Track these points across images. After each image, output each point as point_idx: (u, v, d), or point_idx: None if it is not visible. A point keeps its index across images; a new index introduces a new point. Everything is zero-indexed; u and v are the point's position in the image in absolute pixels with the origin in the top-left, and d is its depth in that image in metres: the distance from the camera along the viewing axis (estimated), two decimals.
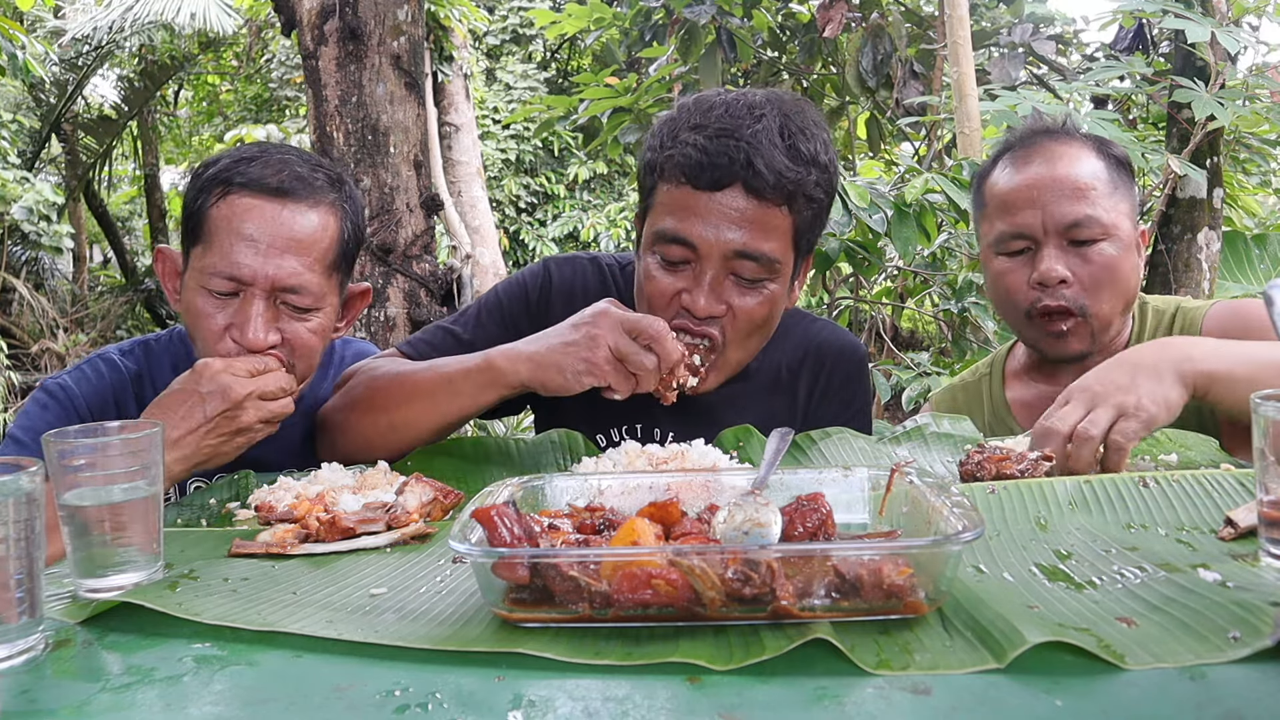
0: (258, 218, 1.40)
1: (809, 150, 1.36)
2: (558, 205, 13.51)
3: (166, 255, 1.55)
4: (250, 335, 1.39)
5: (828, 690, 0.65)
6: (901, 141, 6.16)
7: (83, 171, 11.92)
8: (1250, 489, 1.04)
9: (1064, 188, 1.57)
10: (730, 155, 1.32)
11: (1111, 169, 1.61)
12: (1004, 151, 1.70)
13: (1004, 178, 1.65)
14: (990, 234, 1.66)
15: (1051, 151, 1.62)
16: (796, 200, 1.36)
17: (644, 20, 5.57)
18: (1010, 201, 1.62)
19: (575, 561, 0.74)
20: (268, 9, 8.63)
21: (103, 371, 1.55)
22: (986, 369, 1.86)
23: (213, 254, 1.40)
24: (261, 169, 1.43)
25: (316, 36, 4.02)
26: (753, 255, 1.36)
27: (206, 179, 1.44)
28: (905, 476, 0.94)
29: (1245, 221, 5.28)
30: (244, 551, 0.99)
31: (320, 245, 1.44)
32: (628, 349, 1.27)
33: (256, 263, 1.39)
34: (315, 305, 1.45)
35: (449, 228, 8.45)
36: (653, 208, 1.42)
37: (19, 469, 0.75)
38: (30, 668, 0.73)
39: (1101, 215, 1.56)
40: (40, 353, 9.43)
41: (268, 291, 1.40)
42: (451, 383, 1.37)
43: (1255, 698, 0.62)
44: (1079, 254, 1.57)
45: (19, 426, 1.48)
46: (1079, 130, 1.69)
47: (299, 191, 1.43)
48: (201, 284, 1.42)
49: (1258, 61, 4.12)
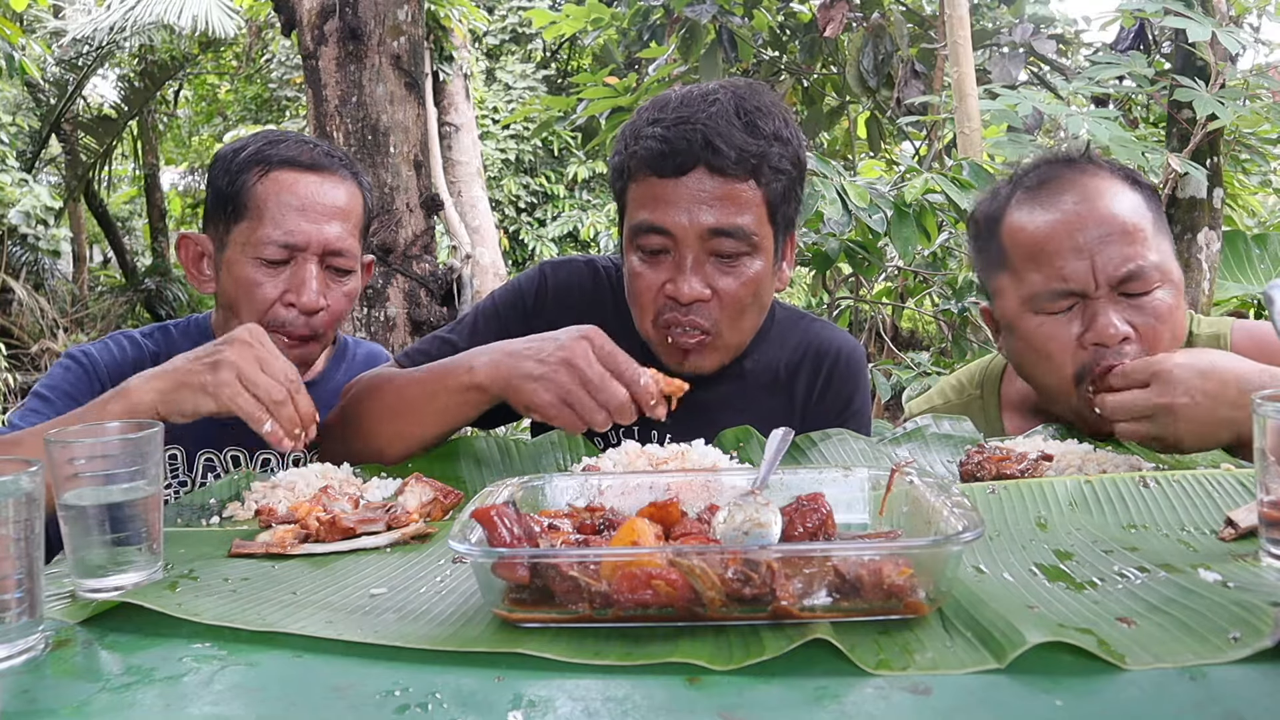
0: (304, 189, 1.53)
1: (768, 126, 1.38)
2: (557, 205, 13.51)
3: (192, 239, 1.63)
4: (306, 297, 1.51)
5: (828, 690, 0.65)
6: (902, 141, 6.16)
7: (83, 171, 11.92)
8: (1250, 489, 1.04)
9: (1112, 231, 1.35)
10: (688, 139, 1.35)
11: (1150, 203, 1.41)
12: (1018, 187, 1.47)
13: (1030, 221, 1.41)
14: (1023, 289, 1.41)
15: (1084, 187, 1.40)
16: (763, 173, 1.38)
17: (642, 20, 5.56)
18: (1049, 252, 1.38)
19: (575, 561, 0.74)
20: (268, 9, 8.62)
21: (125, 346, 1.62)
22: (976, 390, 1.70)
23: (265, 225, 1.51)
24: (292, 148, 1.56)
25: (316, 36, 4.02)
26: (727, 231, 1.38)
27: (242, 160, 1.55)
28: (905, 477, 0.94)
29: (1245, 221, 5.28)
30: (244, 552, 0.99)
31: (355, 212, 1.59)
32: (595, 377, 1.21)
33: (311, 229, 1.51)
34: (352, 268, 1.58)
35: (449, 228, 8.45)
36: (626, 207, 1.45)
37: (19, 469, 0.76)
38: (30, 668, 0.73)
39: (1155, 260, 1.36)
40: (40, 353, 9.42)
41: (319, 256, 1.53)
42: (434, 396, 1.36)
43: (1255, 698, 0.62)
44: (1133, 305, 1.36)
45: (43, 385, 1.57)
46: (1102, 159, 1.47)
47: (331, 166, 1.57)
48: (254, 255, 1.52)
49: (1258, 61, 4.12)
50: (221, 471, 1.58)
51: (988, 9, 6.04)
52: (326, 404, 1.65)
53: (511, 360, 1.26)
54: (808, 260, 3.37)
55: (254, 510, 1.16)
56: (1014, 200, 1.46)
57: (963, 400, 1.71)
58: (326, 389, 1.69)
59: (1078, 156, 1.47)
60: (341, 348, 1.79)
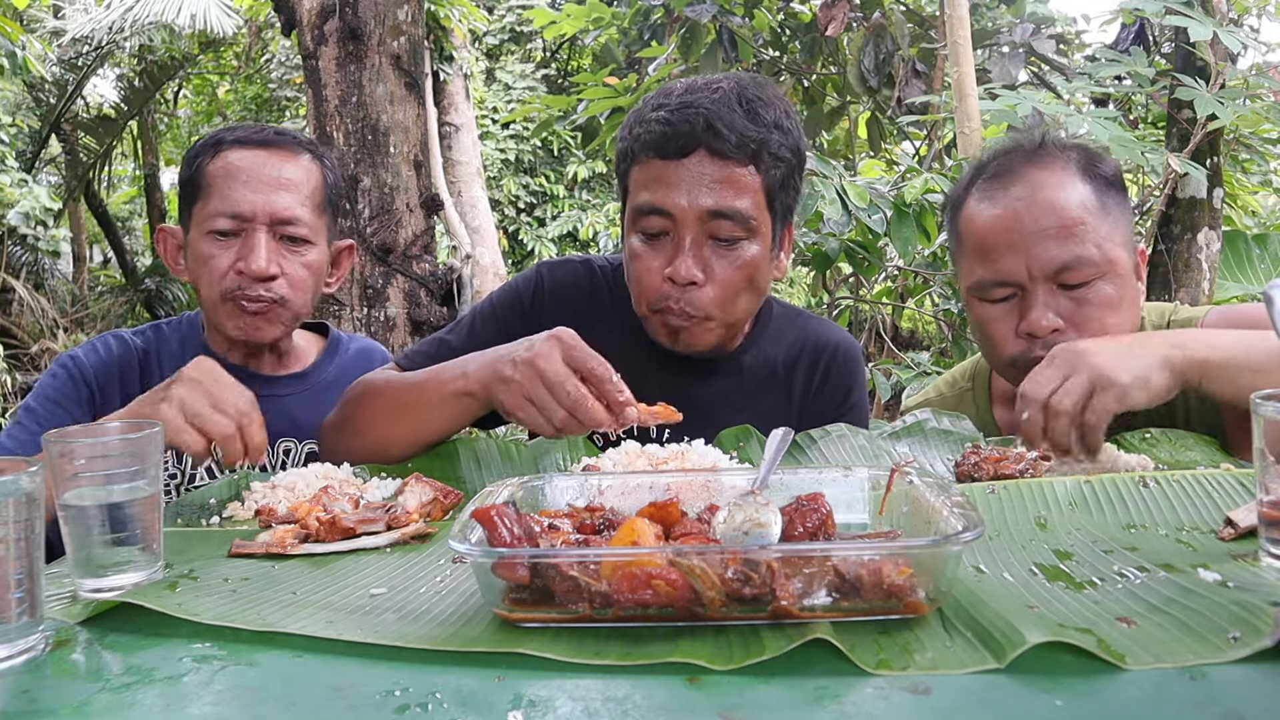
0: (251, 163, 1.57)
1: (769, 115, 1.41)
2: (557, 205, 13.50)
3: (168, 233, 1.69)
4: (255, 264, 1.53)
5: (828, 690, 0.65)
6: (902, 141, 6.16)
7: (83, 171, 11.91)
8: (1250, 489, 1.04)
9: (1048, 225, 1.38)
10: (690, 122, 1.38)
11: (1101, 191, 1.42)
12: (976, 176, 1.50)
13: (980, 213, 1.46)
14: (970, 277, 1.47)
15: (1031, 180, 1.42)
16: (762, 159, 1.40)
17: (643, 20, 5.56)
18: (987, 244, 1.43)
19: (575, 561, 0.74)
20: (268, 9, 8.62)
21: (112, 347, 1.64)
22: (968, 383, 1.71)
23: (214, 200, 1.56)
24: (246, 131, 1.63)
25: (316, 36, 4.02)
26: (727, 213, 1.39)
27: (198, 147, 1.62)
28: (905, 476, 0.94)
29: (1245, 221, 5.28)
30: (244, 552, 0.99)
31: (308, 185, 1.61)
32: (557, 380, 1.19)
33: (257, 198, 1.55)
34: (309, 238, 1.60)
35: (449, 228, 8.44)
36: (629, 190, 1.47)
37: (19, 469, 0.76)
38: (30, 668, 0.73)
39: (1093, 254, 1.38)
40: (40, 353, 9.42)
41: (268, 225, 1.55)
42: (430, 401, 1.36)
43: (1255, 698, 0.62)
44: (1071, 296, 1.39)
45: (32, 396, 1.59)
46: (1062, 146, 1.48)
47: (283, 143, 1.62)
48: (206, 230, 1.56)
49: (1258, 61, 4.11)
50: (212, 462, 1.58)
51: (988, 9, 6.04)
52: (317, 396, 1.68)
53: (491, 365, 1.27)
54: (808, 260, 3.37)
55: (254, 510, 1.16)
56: (973, 189, 1.50)
57: (955, 393, 1.72)
58: (318, 382, 1.72)
59: (1035, 146, 1.49)
60: (334, 342, 1.81)
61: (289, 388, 1.69)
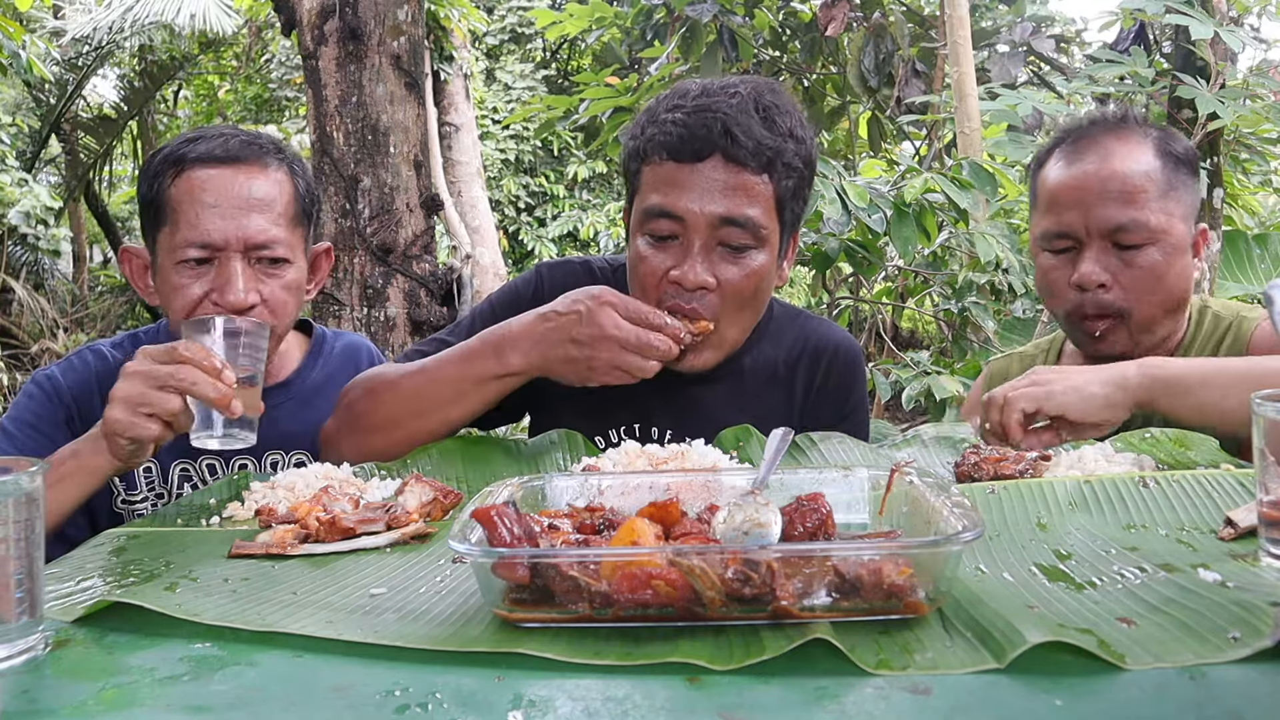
0: (217, 185, 1.46)
1: (785, 124, 1.41)
2: (557, 205, 13.51)
3: (133, 254, 1.58)
4: (232, 296, 1.43)
5: (828, 690, 0.65)
6: (902, 141, 6.16)
7: (83, 171, 11.92)
8: (1250, 489, 1.04)
9: (1111, 189, 1.52)
10: (708, 126, 1.37)
11: (1169, 168, 1.54)
12: (1061, 140, 1.64)
13: (1055, 172, 1.60)
14: (1037, 228, 1.63)
15: (1106, 148, 1.56)
16: (776, 168, 1.39)
17: (645, 19, 5.57)
18: (1057, 198, 1.58)
19: (575, 561, 0.74)
20: (268, 9, 8.62)
21: (89, 361, 1.58)
22: (1047, 345, 1.85)
23: (182, 229, 1.45)
24: (208, 144, 1.49)
25: (316, 36, 4.02)
26: (738, 221, 1.39)
27: (157, 164, 1.50)
28: (905, 476, 0.94)
29: (1246, 221, 5.28)
30: (244, 552, 0.99)
31: (281, 200, 1.51)
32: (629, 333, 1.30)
33: (228, 225, 1.45)
34: (286, 258, 1.51)
35: (449, 228, 8.44)
36: (638, 190, 1.46)
37: (19, 469, 0.75)
38: (30, 668, 0.73)
39: (1149, 219, 1.50)
40: (40, 353, 9.42)
41: (242, 252, 1.46)
42: (461, 389, 1.38)
43: (1255, 698, 0.62)
44: (1122, 257, 1.52)
45: (8, 417, 1.53)
46: (1142, 122, 1.62)
47: (249, 156, 1.50)
48: (176, 260, 1.46)
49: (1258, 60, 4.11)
50: (199, 481, 1.56)
51: (988, 9, 6.04)
52: (305, 402, 1.62)
53: (546, 344, 1.32)
54: (808, 260, 3.37)
55: (254, 510, 1.16)
56: (1055, 152, 1.64)
57: (1035, 353, 1.86)
58: (304, 387, 1.66)
59: (1117, 119, 1.62)
60: (318, 341, 1.74)
61: (274, 398, 1.56)
